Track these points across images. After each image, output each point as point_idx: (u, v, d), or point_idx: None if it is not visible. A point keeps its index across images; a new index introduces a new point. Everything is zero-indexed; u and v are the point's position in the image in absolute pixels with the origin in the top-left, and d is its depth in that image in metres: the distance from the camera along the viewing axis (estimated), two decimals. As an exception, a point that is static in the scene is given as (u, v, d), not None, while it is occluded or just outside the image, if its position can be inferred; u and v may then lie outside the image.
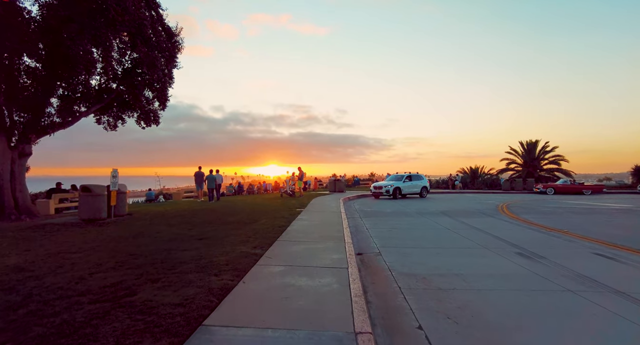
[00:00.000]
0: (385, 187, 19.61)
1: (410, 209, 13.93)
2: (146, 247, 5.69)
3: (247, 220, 9.06)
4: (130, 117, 12.77)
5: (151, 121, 12.50)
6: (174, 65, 12.26)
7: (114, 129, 13.19)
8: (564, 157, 32.17)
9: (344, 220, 9.56)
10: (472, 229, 9.01)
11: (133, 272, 4.25)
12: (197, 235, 6.84)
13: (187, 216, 9.85)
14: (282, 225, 8.18)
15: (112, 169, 9.24)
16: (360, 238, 7.84)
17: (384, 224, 9.88)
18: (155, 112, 12.48)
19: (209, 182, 17.34)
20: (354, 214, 12.49)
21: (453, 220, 10.59)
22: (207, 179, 17.33)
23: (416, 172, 21.83)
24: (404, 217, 11.40)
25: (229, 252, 5.41)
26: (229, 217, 9.68)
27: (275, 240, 6.47)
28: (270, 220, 9.01)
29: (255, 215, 10.04)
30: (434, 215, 11.85)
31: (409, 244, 7.20)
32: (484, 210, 13.51)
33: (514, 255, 6.15)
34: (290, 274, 4.38)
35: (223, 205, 13.46)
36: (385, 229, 8.99)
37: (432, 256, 6.10)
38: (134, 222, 8.63)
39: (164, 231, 7.30)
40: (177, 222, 8.61)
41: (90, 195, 8.58)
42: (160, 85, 11.60)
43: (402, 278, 4.80)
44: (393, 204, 16.71)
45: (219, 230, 7.46)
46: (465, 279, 4.77)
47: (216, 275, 4.17)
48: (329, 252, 5.62)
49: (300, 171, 18.65)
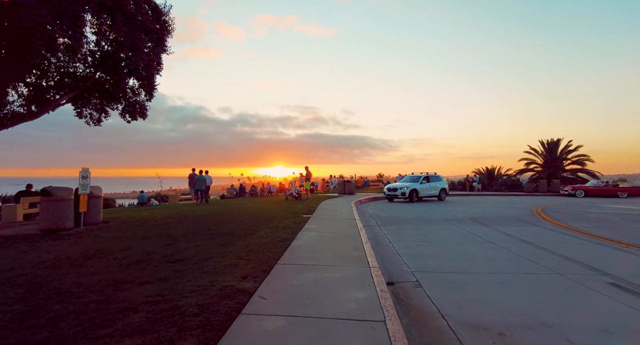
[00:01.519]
0: (401, 189, 17.82)
1: (434, 215, 12.15)
2: (90, 277, 4.04)
3: (242, 231, 7.39)
4: (114, 110, 11.23)
5: (137, 114, 10.94)
6: (163, 49, 10.69)
7: (98, 124, 11.67)
8: (589, 156, 29.98)
9: (361, 231, 7.84)
10: (522, 242, 7.23)
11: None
12: (173, 254, 5.18)
13: (172, 225, 8.22)
14: (286, 239, 6.49)
15: (82, 168, 7.66)
16: (385, 255, 6.12)
17: (410, 235, 8.13)
18: (141, 103, 10.92)
19: (198, 183, 16.13)
20: (369, 220, 10.76)
21: (491, 230, 8.80)
22: (196, 180, 16.05)
23: (434, 172, 20.00)
24: (430, 226, 9.63)
25: (206, 286, 3.74)
26: (221, 226, 8.03)
27: (274, 263, 4.78)
28: (271, 232, 7.33)
29: (253, 224, 8.37)
30: (465, 223, 10.06)
31: (451, 266, 5.45)
32: (519, 217, 11.67)
33: (608, 287, 4.37)
34: (295, 336, 2.69)
35: (218, 210, 11.84)
36: (413, 243, 7.25)
37: (494, 288, 4.36)
38: (104, 233, 7.02)
39: (133, 248, 5.65)
40: (155, 234, 6.98)
41: (51, 200, 7.00)
42: (146, 71, 10.03)
43: (468, 335, 3.08)
44: (411, 208, 14.93)
45: (204, 246, 5.80)
46: (569, 337, 3.03)
47: (170, 342, 2.50)
48: (351, 286, 3.91)
49: (307, 171, 16.99)
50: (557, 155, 31.47)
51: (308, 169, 17.02)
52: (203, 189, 16.24)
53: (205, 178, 16.46)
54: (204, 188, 16.27)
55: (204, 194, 16.49)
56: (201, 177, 16.29)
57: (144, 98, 10.90)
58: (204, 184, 16.32)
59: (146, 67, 10.03)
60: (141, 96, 11.10)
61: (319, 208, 12.77)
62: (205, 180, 16.35)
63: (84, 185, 7.68)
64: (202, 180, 16.16)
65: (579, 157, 30.66)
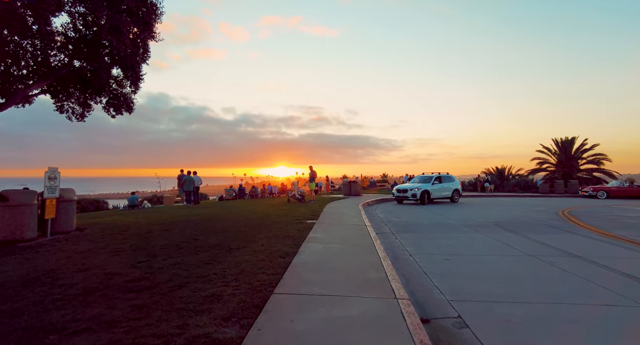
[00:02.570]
0: (412, 190, 16.61)
1: (451, 220, 10.95)
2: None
3: (235, 242, 6.25)
4: (98, 104, 10.13)
5: (122, 107, 9.82)
6: (151, 35, 9.56)
7: (82, 119, 10.57)
8: (607, 155, 28.55)
9: (375, 241, 6.68)
10: (567, 255, 6.03)
11: None
12: (140, 279, 4.04)
13: (155, 234, 7.09)
14: (286, 254, 5.34)
15: (48, 167, 6.55)
16: (409, 275, 4.96)
17: (431, 246, 6.96)
18: (126, 96, 9.80)
19: (187, 184, 15.25)
20: (381, 226, 9.58)
21: (523, 239, 7.61)
22: (185, 181, 15.14)
23: (446, 172, 18.78)
24: (451, 233, 8.45)
25: (171, 336, 2.59)
26: (210, 235, 6.89)
27: (270, 292, 3.63)
28: (269, 243, 6.18)
29: (249, 233, 7.23)
30: (490, 230, 8.87)
31: (495, 291, 4.27)
32: (547, 221, 10.45)
33: None
34: None
35: (212, 214, 10.71)
36: (439, 256, 6.07)
37: (569, 331, 3.18)
38: (71, 245, 5.90)
39: (94, 268, 4.52)
40: (131, 246, 5.85)
41: (7, 206, 5.89)
42: (131, 59, 8.90)
43: None
44: (424, 211, 13.73)
45: (184, 265, 4.65)
46: None
47: None
48: (377, 334, 2.75)
49: (311, 171, 15.83)
50: (571, 155, 30.08)
51: (312, 169, 15.87)
52: (192, 190, 15.38)
53: (194, 179, 15.63)
54: (192, 189, 15.40)
55: (194, 196, 15.64)
56: (189, 177, 15.44)
57: (130, 90, 9.79)
58: (193, 185, 15.40)
59: (131, 55, 8.91)
60: (126, 88, 9.99)
61: (324, 212, 11.61)
62: (194, 181, 15.52)
63: (51, 187, 6.57)
64: (191, 181, 15.30)
65: (595, 157, 29.24)
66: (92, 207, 16.65)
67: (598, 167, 29.14)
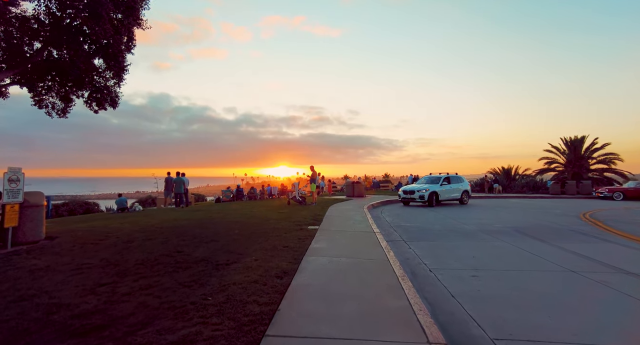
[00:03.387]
0: (419, 191, 15.67)
1: (466, 224, 10.02)
2: None
3: (224, 255, 5.34)
4: (79, 98, 9.24)
5: (105, 101, 8.93)
6: (137, 22, 8.65)
7: (64, 115, 9.70)
8: (619, 155, 27.54)
9: (388, 253, 5.77)
10: (617, 271, 5.11)
11: None
12: (94, 311, 3.13)
13: (134, 244, 6.18)
14: (284, 272, 4.42)
15: (8, 168, 5.64)
16: (432, 297, 4.04)
17: (451, 257, 6.04)
18: (110, 89, 8.91)
19: (177, 186, 14.53)
20: (390, 233, 8.66)
21: (554, 249, 6.69)
22: (175, 182, 14.45)
23: (455, 172, 17.83)
24: (469, 241, 7.53)
25: None
26: (198, 246, 5.97)
27: (261, 335, 2.71)
28: (265, 256, 5.27)
29: (242, 243, 6.32)
30: (512, 237, 7.95)
31: (544, 321, 3.36)
32: (572, 226, 9.52)
33: None
34: None
35: (205, 219, 9.79)
36: (463, 271, 5.15)
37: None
38: (29, 261, 4.98)
39: (41, 294, 3.60)
40: (100, 262, 4.93)
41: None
42: (113, 48, 8.00)
43: None
44: (434, 214, 12.80)
45: (156, 289, 3.74)
46: None
47: None
48: None
49: (312, 171, 14.90)
50: (581, 154, 29.10)
51: (314, 169, 14.94)
52: (182, 191, 14.59)
53: (185, 180, 14.83)
54: (183, 191, 14.61)
55: (185, 198, 14.87)
56: (180, 179, 14.68)
57: (113, 82, 8.88)
58: (183, 186, 14.59)
59: (114, 43, 8.01)
60: (110, 81, 9.09)
61: (326, 216, 10.70)
62: (184, 182, 14.72)
63: (12, 191, 5.66)
64: (181, 182, 14.55)
65: (605, 156, 28.24)
66: (82, 209, 15.76)
67: (609, 167, 28.15)
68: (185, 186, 14.93)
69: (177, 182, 14.55)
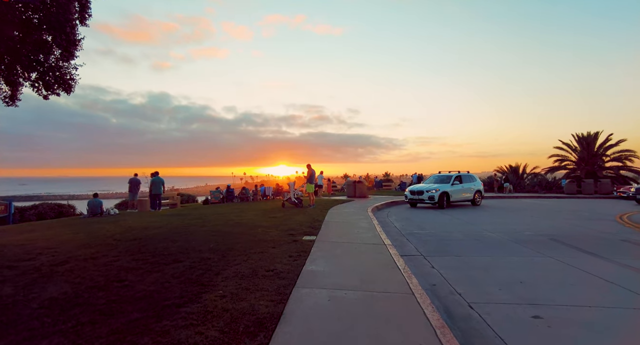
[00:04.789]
0: (428, 192, 14.12)
1: (489, 230, 8.46)
2: None
3: (181, 286, 3.78)
4: (26, 81, 7.65)
5: (57, 83, 7.34)
6: (92, -12, 7.06)
7: (13, 104, 8.10)
8: (636, 152, 25.99)
9: (410, 280, 4.22)
10: None
11: None
12: None
13: (66, 267, 4.62)
14: (259, 323, 2.86)
15: None
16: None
17: (491, 282, 4.48)
18: (61, 69, 7.32)
19: (156, 187, 13.02)
20: (403, 243, 7.11)
21: (621, 269, 5.15)
22: (152, 183, 13.09)
23: (466, 171, 16.28)
24: (502, 254, 5.99)
25: None
26: (151, 270, 4.41)
27: None
28: (237, 289, 3.71)
29: (214, 263, 4.76)
30: (552, 249, 6.40)
31: None
32: (619, 234, 7.99)
33: None
34: None
35: (180, 227, 8.24)
36: (515, 307, 3.60)
37: None
38: None
39: None
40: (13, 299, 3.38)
41: None
42: (58, 16, 6.42)
43: None
44: (447, 217, 11.25)
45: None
46: None
47: None
48: None
49: (309, 169, 13.31)
50: (594, 151, 27.59)
51: (310, 167, 13.35)
52: (161, 193, 13.09)
53: (162, 180, 13.34)
54: (161, 192, 13.10)
55: (159, 200, 13.41)
56: (158, 179, 13.17)
57: (64, 63, 7.28)
58: (162, 187, 13.08)
59: (58, 10, 6.42)
60: (67, 63, 7.48)
61: (326, 222, 9.14)
62: (162, 182, 13.20)
63: None
64: (160, 183, 13.01)
65: (621, 153, 26.71)
66: (53, 213, 14.17)
67: (624, 164, 26.64)
68: (164, 187, 13.44)
69: (156, 182, 13.05)
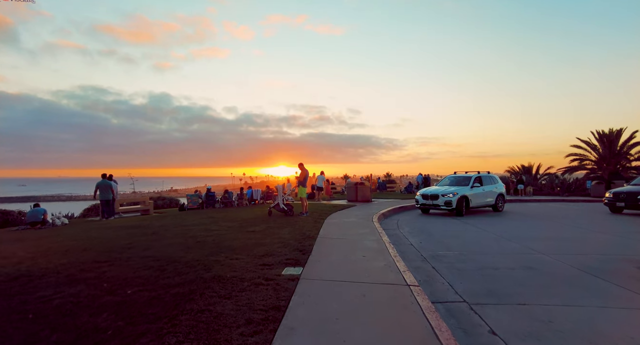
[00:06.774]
0: (444, 196, 11.81)
1: (542, 253, 6.13)
2: None
3: None
4: None
5: None
6: None
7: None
8: (665, 150, 23.67)
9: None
10: None
11: None
12: None
13: None
14: None
15: None
16: None
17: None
18: None
19: (104, 192, 11.10)
20: (428, 274, 4.80)
21: None
22: (98, 187, 11.11)
23: (487, 171, 13.96)
24: (592, 304, 3.68)
25: None
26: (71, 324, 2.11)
27: None
28: None
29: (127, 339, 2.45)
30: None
31: None
32: None
33: None
34: None
35: (113, 249, 5.98)
36: None
37: None
38: None
39: None
40: None
41: None
42: None
43: None
44: (474, 229, 8.94)
45: None
46: None
47: None
48: None
49: (302, 170, 11.01)
50: (617, 150, 25.29)
51: (303, 167, 11.04)
52: (110, 198, 10.89)
53: (112, 184, 11.33)
54: (111, 198, 10.89)
55: (110, 207, 11.36)
56: (108, 182, 11.17)
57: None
58: (111, 192, 10.83)
59: None
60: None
61: (320, 238, 6.85)
62: (112, 186, 11.13)
63: None
64: (109, 187, 10.85)
65: (646, 152, 24.42)
66: (0, 220, 11.86)
67: (650, 164, 24.35)
68: (114, 192, 11.17)
69: (103, 186, 10.83)
